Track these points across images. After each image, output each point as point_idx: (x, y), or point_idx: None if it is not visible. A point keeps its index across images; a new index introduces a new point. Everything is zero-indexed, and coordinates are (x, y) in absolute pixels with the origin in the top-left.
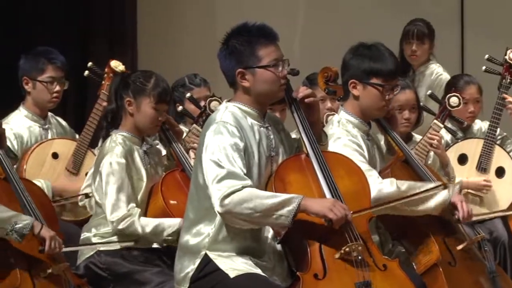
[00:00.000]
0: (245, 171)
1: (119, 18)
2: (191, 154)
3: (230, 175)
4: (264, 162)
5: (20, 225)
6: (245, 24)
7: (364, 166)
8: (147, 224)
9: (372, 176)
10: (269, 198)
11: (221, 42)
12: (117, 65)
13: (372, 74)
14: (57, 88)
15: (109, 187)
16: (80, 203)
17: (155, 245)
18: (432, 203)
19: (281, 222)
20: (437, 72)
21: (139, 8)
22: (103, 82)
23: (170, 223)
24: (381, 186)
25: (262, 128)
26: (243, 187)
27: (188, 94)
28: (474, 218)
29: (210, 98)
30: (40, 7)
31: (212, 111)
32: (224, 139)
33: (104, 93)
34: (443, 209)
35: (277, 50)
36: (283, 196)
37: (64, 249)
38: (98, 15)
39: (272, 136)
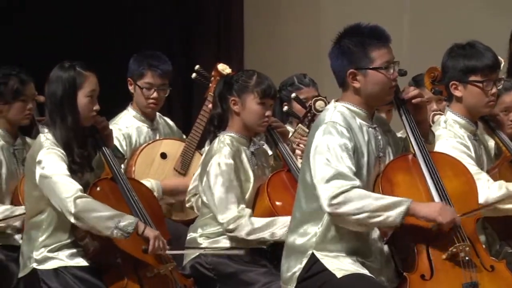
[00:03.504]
0: (353, 170)
1: (226, 21)
2: (297, 153)
3: (339, 175)
4: (373, 162)
5: (124, 223)
6: (358, 24)
7: (473, 169)
8: (258, 223)
9: (481, 180)
10: (378, 199)
11: (332, 41)
12: (224, 68)
13: (468, 72)
14: (154, 95)
15: (218, 188)
16: (187, 204)
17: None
18: None
19: (388, 225)
20: None
21: (245, 10)
22: (210, 84)
23: (282, 221)
24: (489, 191)
25: (370, 129)
26: (352, 188)
27: (293, 94)
28: None
29: (316, 98)
30: (148, 9)
31: (318, 111)
32: (334, 139)
33: (211, 95)
34: None
35: (389, 52)
36: (392, 199)
37: (171, 252)
38: (206, 17)
39: (380, 137)
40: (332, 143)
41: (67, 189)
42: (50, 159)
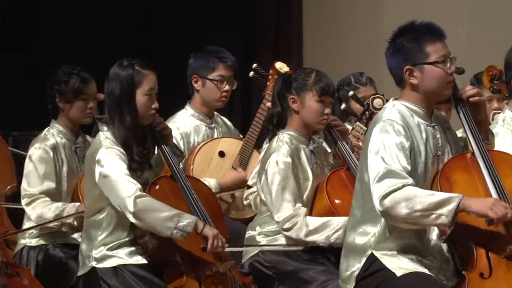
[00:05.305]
0: (408, 169)
1: (284, 19)
2: (357, 152)
3: (391, 174)
4: (431, 161)
5: (183, 223)
6: (412, 22)
7: None
8: (313, 222)
9: None
10: (428, 196)
11: (388, 41)
12: (281, 67)
13: None
14: (227, 87)
15: (274, 186)
16: (245, 202)
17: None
18: None
19: (441, 222)
20: None
21: (304, 8)
22: (268, 83)
23: (338, 220)
24: None
25: (428, 127)
26: (404, 186)
27: (351, 92)
28: None
29: (373, 96)
30: (205, 7)
31: (376, 109)
32: (390, 138)
33: (269, 93)
34: None
35: (445, 47)
36: (442, 195)
37: (229, 249)
38: (264, 16)
39: (438, 135)
40: (388, 141)
41: (126, 188)
42: (109, 158)
